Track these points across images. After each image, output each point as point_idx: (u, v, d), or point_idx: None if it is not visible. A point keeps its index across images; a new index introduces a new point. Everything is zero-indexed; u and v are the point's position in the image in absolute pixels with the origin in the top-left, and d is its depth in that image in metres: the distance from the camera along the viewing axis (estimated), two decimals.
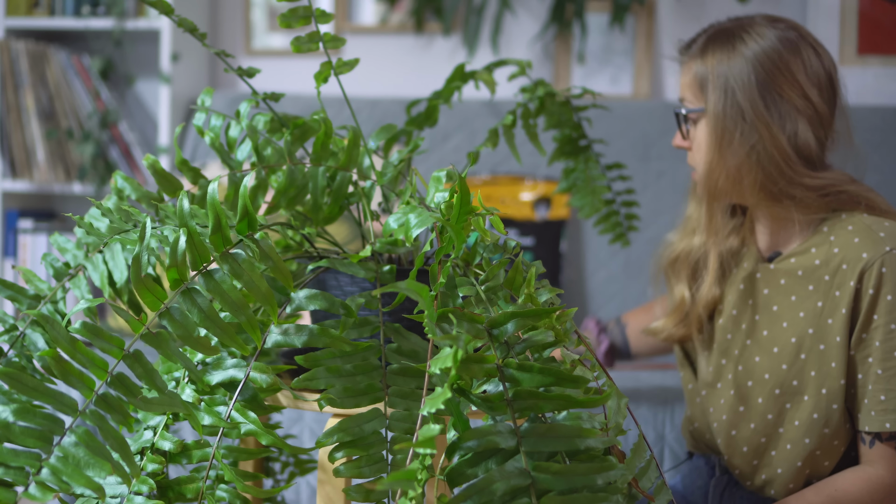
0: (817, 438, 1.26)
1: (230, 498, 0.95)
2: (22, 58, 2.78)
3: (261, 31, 3.01)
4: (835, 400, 1.25)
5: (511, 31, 2.86)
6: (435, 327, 0.77)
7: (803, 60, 1.29)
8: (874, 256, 1.21)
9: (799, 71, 1.28)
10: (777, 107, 1.27)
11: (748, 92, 1.26)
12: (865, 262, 1.21)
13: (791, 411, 1.29)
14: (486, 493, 0.72)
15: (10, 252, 2.85)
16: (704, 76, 1.29)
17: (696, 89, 1.30)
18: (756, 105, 1.26)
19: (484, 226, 0.94)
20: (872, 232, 1.23)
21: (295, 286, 1.01)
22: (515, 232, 2.52)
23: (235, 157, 1.14)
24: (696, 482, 1.46)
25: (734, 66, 1.27)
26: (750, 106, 1.26)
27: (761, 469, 1.32)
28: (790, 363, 1.28)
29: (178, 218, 0.89)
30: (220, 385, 0.95)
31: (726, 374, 1.35)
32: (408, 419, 0.93)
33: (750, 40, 1.28)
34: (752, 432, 1.31)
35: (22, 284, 1.83)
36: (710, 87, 1.28)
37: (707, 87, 1.29)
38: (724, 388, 1.36)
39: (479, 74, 1.34)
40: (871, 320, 1.21)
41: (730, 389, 1.34)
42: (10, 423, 0.78)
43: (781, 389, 1.29)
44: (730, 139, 1.27)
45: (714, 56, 1.29)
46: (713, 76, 1.28)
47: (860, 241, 1.23)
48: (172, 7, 1.11)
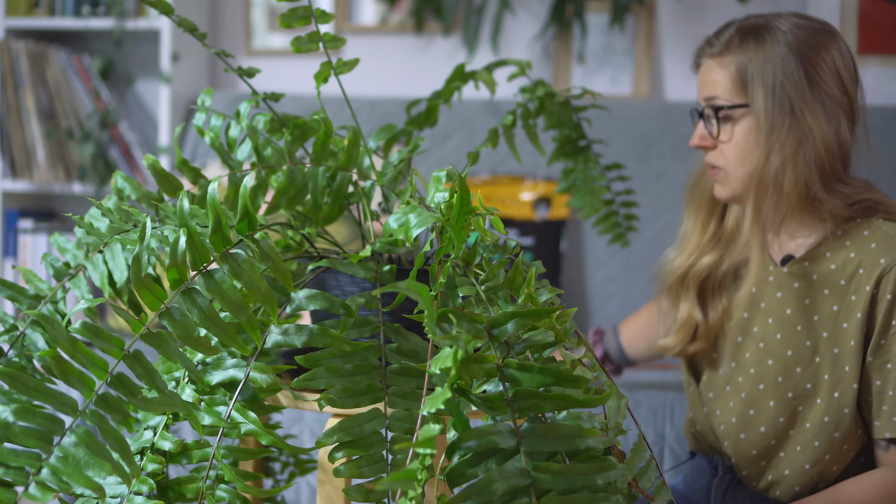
0: (827, 442, 1.26)
1: (230, 498, 0.95)
2: (22, 58, 2.78)
3: (261, 31, 3.01)
4: (847, 404, 1.25)
5: (511, 31, 2.86)
6: (435, 327, 0.77)
7: (840, 51, 1.27)
8: (892, 262, 1.21)
9: (838, 62, 1.26)
10: (822, 100, 1.25)
11: (796, 85, 1.24)
12: (883, 267, 1.21)
13: (803, 414, 1.28)
14: (486, 492, 0.72)
15: (11, 252, 2.85)
16: (745, 70, 1.25)
17: (736, 84, 1.26)
18: (805, 98, 1.24)
19: (484, 226, 0.94)
20: (890, 238, 1.23)
21: (295, 286, 1.01)
22: (515, 232, 2.52)
23: (235, 157, 1.14)
24: (699, 482, 1.46)
25: (778, 59, 1.24)
26: (800, 99, 1.23)
27: (769, 471, 1.32)
28: (805, 366, 1.27)
29: (178, 218, 0.89)
30: (220, 385, 0.95)
31: (736, 378, 1.34)
32: (408, 419, 0.93)
33: (787, 32, 1.26)
34: (762, 436, 1.31)
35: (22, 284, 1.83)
36: (755, 82, 1.25)
37: (752, 81, 1.25)
38: (733, 392, 1.35)
39: (479, 74, 1.34)
40: (890, 325, 1.21)
41: (740, 393, 1.33)
42: (10, 423, 0.78)
43: (794, 392, 1.28)
44: (778, 135, 1.24)
45: (755, 49, 1.25)
46: (758, 69, 1.25)
47: (877, 246, 1.23)
48: (172, 7, 1.11)
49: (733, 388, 1.35)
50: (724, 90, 1.28)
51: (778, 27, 1.26)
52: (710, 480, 1.43)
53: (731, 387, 1.35)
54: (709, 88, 1.29)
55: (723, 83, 1.28)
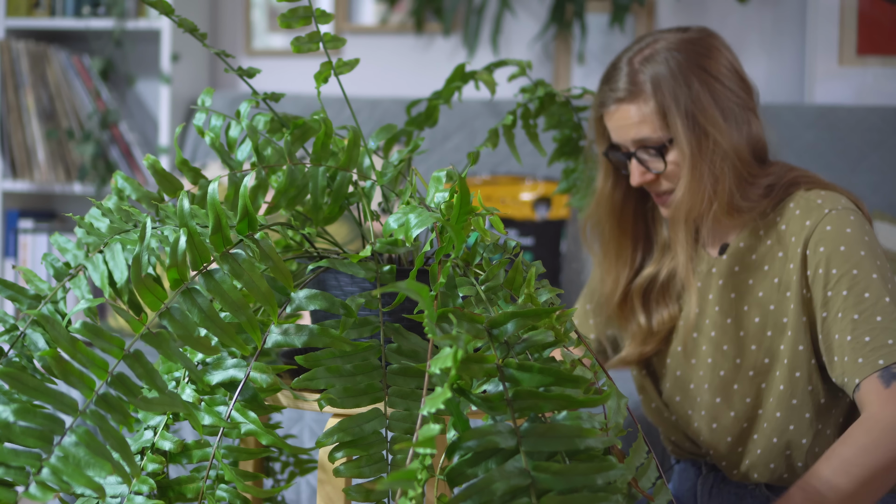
0: (787, 411, 1.28)
1: (230, 498, 0.95)
2: (22, 58, 2.78)
3: (261, 31, 3.01)
4: (797, 367, 1.27)
5: (511, 31, 2.86)
6: (435, 327, 0.77)
7: (726, 47, 1.33)
8: (816, 220, 1.25)
9: (730, 58, 1.32)
10: (731, 109, 1.30)
11: (704, 107, 1.28)
12: (809, 228, 1.26)
13: (766, 390, 1.31)
14: (486, 492, 0.72)
15: (11, 252, 2.85)
16: (661, 103, 1.28)
17: (658, 118, 1.29)
18: (715, 117, 1.28)
19: (484, 226, 0.94)
20: (811, 202, 1.27)
21: (295, 286, 1.01)
22: (515, 232, 2.52)
23: (235, 157, 1.14)
24: (685, 484, 1.47)
25: (682, 83, 1.28)
26: (710, 119, 1.28)
27: (745, 455, 1.33)
28: (758, 343, 1.30)
29: (178, 218, 0.89)
30: (221, 385, 0.95)
31: (697, 373, 1.37)
32: (408, 419, 0.93)
33: (678, 51, 1.30)
34: (734, 420, 1.33)
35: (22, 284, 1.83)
36: (672, 113, 1.28)
37: (669, 112, 1.28)
38: (697, 388, 1.37)
39: (480, 75, 1.34)
40: (831, 275, 1.23)
41: (703, 384, 1.35)
42: (10, 423, 0.78)
43: (755, 370, 1.31)
44: (702, 156, 1.28)
45: (660, 80, 1.28)
46: (671, 100, 1.28)
47: (801, 212, 1.28)
48: (172, 7, 1.11)
49: (697, 384, 1.37)
50: (652, 128, 1.29)
51: (666, 50, 1.30)
52: (695, 482, 1.44)
53: (695, 383, 1.37)
54: (635, 131, 1.30)
55: (649, 122, 1.29)
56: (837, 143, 2.46)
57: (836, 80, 2.64)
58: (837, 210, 1.25)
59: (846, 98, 2.63)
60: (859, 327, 1.19)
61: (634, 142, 1.31)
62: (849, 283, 1.21)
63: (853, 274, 1.21)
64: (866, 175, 2.42)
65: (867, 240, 1.23)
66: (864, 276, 1.21)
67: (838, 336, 1.21)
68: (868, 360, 1.17)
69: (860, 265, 1.21)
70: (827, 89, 2.64)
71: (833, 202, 1.26)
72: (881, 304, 1.19)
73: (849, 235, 1.23)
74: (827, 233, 1.24)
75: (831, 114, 2.49)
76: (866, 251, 1.22)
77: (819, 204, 1.26)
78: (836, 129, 2.47)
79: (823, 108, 2.51)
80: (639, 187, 1.37)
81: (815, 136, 2.47)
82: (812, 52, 2.65)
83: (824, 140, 2.47)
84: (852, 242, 1.22)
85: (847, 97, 2.63)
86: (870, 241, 1.23)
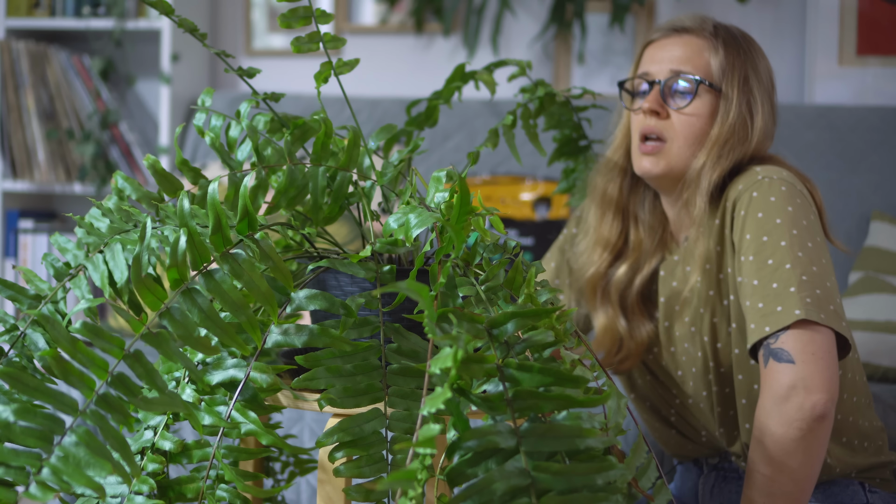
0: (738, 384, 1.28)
1: (230, 498, 0.95)
2: (23, 58, 2.78)
3: (261, 31, 3.01)
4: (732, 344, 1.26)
5: (511, 31, 2.86)
6: (435, 327, 0.77)
7: (765, 57, 1.37)
8: (747, 186, 1.24)
9: (769, 66, 1.36)
10: (768, 102, 1.32)
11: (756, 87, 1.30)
12: (740, 192, 1.24)
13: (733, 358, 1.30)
14: (486, 492, 0.72)
15: (11, 252, 2.85)
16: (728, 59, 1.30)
17: (718, 69, 1.30)
18: (756, 101, 1.30)
19: (484, 226, 0.94)
20: (752, 172, 1.26)
21: (295, 286, 1.01)
22: (515, 232, 2.52)
23: (236, 157, 1.14)
24: (687, 483, 1.47)
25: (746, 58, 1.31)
26: (755, 101, 1.30)
27: (738, 432, 1.33)
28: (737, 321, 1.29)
29: (178, 218, 0.89)
30: (221, 385, 0.95)
31: (690, 369, 1.35)
32: (408, 419, 0.93)
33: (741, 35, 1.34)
34: (745, 407, 1.30)
35: (23, 284, 1.83)
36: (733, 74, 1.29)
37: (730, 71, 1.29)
38: (687, 380, 1.35)
39: (480, 75, 1.34)
40: (744, 240, 1.22)
41: (708, 375, 1.33)
42: (10, 423, 0.78)
43: (740, 349, 1.29)
44: (742, 123, 1.28)
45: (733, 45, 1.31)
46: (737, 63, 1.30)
47: (740, 181, 1.26)
48: (173, 7, 1.11)
49: (693, 377, 1.35)
50: (702, 69, 1.30)
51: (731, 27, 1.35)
52: (696, 481, 1.44)
53: (695, 382, 1.35)
54: (681, 62, 1.31)
55: (705, 62, 1.30)
56: (837, 143, 2.46)
57: (836, 81, 2.64)
58: (771, 179, 1.23)
59: (846, 98, 2.63)
60: (756, 293, 1.18)
61: (672, 71, 1.31)
62: (755, 248, 1.20)
63: (762, 241, 1.19)
64: (866, 175, 2.42)
65: (790, 210, 1.20)
66: (772, 243, 1.19)
67: (748, 302, 1.19)
68: (758, 325, 1.16)
69: (772, 232, 1.19)
70: (827, 89, 2.64)
71: (769, 172, 1.24)
72: (781, 271, 1.17)
73: (771, 204, 1.21)
74: (752, 199, 1.22)
75: (831, 114, 2.50)
76: (783, 219, 1.20)
77: (756, 171, 1.25)
78: (836, 129, 2.47)
79: (823, 109, 2.51)
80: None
81: (814, 136, 2.47)
82: (812, 53, 2.65)
83: (824, 140, 2.47)
84: (772, 210, 1.20)
85: (847, 97, 2.63)
86: (793, 212, 1.20)
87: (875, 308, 2.04)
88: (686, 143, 1.30)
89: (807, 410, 1.11)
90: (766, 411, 1.14)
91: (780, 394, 1.12)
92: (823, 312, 1.14)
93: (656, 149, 1.31)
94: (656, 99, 1.31)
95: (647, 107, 1.31)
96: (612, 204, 1.40)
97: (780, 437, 1.12)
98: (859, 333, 1.99)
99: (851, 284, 2.17)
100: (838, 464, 1.29)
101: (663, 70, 1.31)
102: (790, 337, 1.13)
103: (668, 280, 1.36)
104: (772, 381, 1.14)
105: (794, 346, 1.13)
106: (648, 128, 1.32)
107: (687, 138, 1.30)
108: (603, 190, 1.40)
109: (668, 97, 1.31)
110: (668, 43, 1.32)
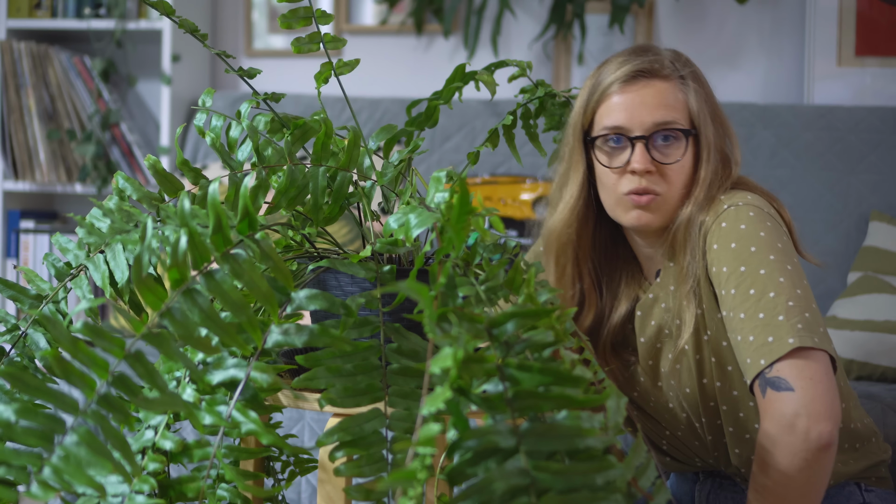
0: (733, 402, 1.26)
1: (231, 497, 0.95)
2: (24, 59, 2.78)
3: (261, 31, 3.01)
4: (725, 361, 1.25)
5: (511, 31, 2.87)
6: (435, 327, 0.78)
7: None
8: (714, 217, 1.22)
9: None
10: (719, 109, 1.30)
11: (720, 118, 1.29)
12: (708, 224, 1.22)
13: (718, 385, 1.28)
14: (486, 492, 0.72)
15: (12, 252, 2.85)
16: (696, 96, 1.26)
17: (688, 110, 1.26)
18: (730, 132, 1.30)
19: (484, 226, 0.95)
20: (717, 203, 1.24)
21: (295, 286, 1.01)
22: (515, 232, 2.52)
23: (236, 157, 1.14)
24: (682, 488, 1.47)
25: (705, 88, 1.28)
26: (728, 134, 1.29)
27: (729, 452, 1.32)
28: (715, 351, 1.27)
29: (179, 218, 0.89)
30: (221, 385, 0.95)
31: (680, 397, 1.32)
32: (408, 419, 0.93)
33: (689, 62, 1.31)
34: (733, 434, 1.29)
35: (24, 284, 1.83)
36: (703, 110, 1.26)
37: (701, 108, 1.26)
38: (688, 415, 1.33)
39: (480, 75, 1.35)
40: (722, 273, 1.19)
41: (697, 408, 1.31)
42: (12, 423, 0.79)
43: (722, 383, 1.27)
44: (707, 165, 1.25)
45: (693, 76, 1.28)
46: (704, 97, 1.27)
47: (709, 211, 1.24)
48: (173, 8, 1.11)
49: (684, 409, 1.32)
50: (683, 114, 1.25)
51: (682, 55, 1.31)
52: (692, 487, 1.44)
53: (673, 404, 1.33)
54: (663, 112, 1.24)
55: (682, 106, 1.25)
56: (836, 144, 2.46)
57: (835, 81, 2.64)
58: (736, 206, 1.21)
59: (845, 99, 2.63)
60: (745, 326, 1.15)
61: (656, 124, 1.24)
62: (736, 281, 1.17)
63: (741, 272, 1.17)
64: (865, 175, 2.42)
65: (762, 235, 1.18)
66: (750, 272, 1.16)
67: (738, 337, 1.17)
68: (754, 359, 1.14)
69: (748, 262, 1.17)
70: (825, 90, 2.64)
71: (734, 199, 1.22)
72: (765, 300, 1.14)
73: (742, 232, 1.19)
74: (722, 230, 1.20)
75: (830, 114, 2.50)
76: (758, 246, 1.17)
77: (721, 200, 1.23)
78: (835, 130, 2.48)
79: (822, 109, 2.52)
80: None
81: (813, 137, 2.48)
82: (811, 53, 2.65)
83: (823, 140, 2.47)
84: (744, 238, 1.18)
85: (845, 98, 2.63)
86: (766, 237, 1.18)
87: (874, 308, 2.05)
88: (678, 192, 1.26)
89: (812, 441, 1.09)
90: (770, 440, 1.11)
91: (783, 423, 1.10)
92: (816, 336, 1.12)
93: (651, 201, 1.25)
94: (646, 157, 1.24)
95: (641, 168, 1.23)
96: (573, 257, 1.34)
97: (785, 468, 1.10)
98: (858, 333, 1.99)
99: (850, 284, 2.17)
100: (834, 475, 1.28)
101: (644, 124, 1.24)
102: (785, 365, 1.11)
103: (646, 320, 1.32)
104: (773, 410, 1.11)
105: (791, 373, 1.11)
106: (642, 187, 1.25)
107: (679, 188, 1.26)
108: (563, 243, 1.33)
109: (653, 152, 1.24)
110: (637, 91, 1.25)
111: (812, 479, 1.10)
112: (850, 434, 1.30)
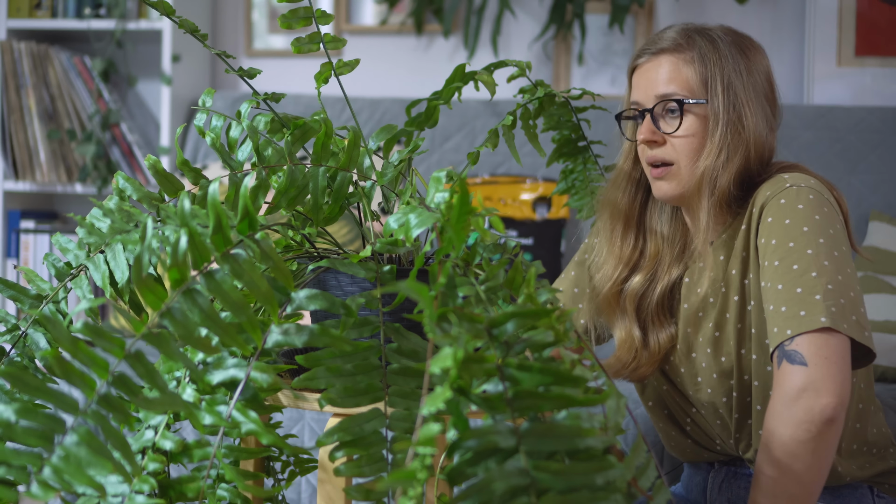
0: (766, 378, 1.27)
1: (231, 497, 0.95)
2: (24, 59, 2.78)
3: (261, 31, 3.01)
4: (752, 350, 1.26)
5: (511, 32, 2.87)
6: (435, 327, 0.78)
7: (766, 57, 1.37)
8: (775, 192, 1.24)
9: (767, 66, 1.35)
10: (760, 102, 1.32)
11: (744, 86, 1.30)
12: (768, 197, 1.25)
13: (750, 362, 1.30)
14: (486, 492, 0.72)
15: (13, 252, 2.85)
16: (704, 66, 1.29)
17: (696, 80, 1.29)
18: (749, 100, 1.30)
19: (484, 226, 0.95)
20: (779, 179, 1.26)
21: (295, 286, 1.01)
22: (515, 232, 2.52)
23: (236, 157, 1.14)
24: (695, 478, 1.47)
25: (729, 58, 1.30)
26: (745, 100, 1.30)
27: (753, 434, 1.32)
28: (757, 326, 1.29)
29: (179, 218, 0.90)
30: (221, 384, 0.95)
31: (710, 375, 1.34)
32: (408, 419, 0.93)
33: (725, 34, 1.33)
34: (759, 413, 1.30)
35: (24, 284, 1.83)
36: (715, 78, 1.29)
37: (712, 77, 1.29)
38: (716, 391, 1.34)
39: (479, 75, 1.34)
40: (770, 245, 1.21)
41: (730, 381, 1.32)
42: (12, 423, 0.79)
43: (758, 355, 1.28)
44: (725, 133, 1.28)
45: (709, 47, 1.30)
46: (717, 66, 1.29)
47: (767, 187, 1.26)
48: (173, 8, 1.11)
49: (713, 383, 1.34)
50: (683, 86, 1.30)
51: (720, 30, 1.34)
52: (705, 476, 1.44)
53: (714, 386, 1.34)
54: (664, 86, 1.31)
55: (683, 79, 1.30)
56: (836, 144, 2.46)
57: (835, 81, 2.64)
58: (799, 187, 1.23)
59: (844, 99, 2.63)
60: (780, 297, 1.17)
61: (658, 97, 1.31)
62: (781, 254, 1.19)
63: (789, 247, 1.19)
64: (865, 175, 2.43)
65: (818, 218, 1.20)
66: (798, 249, 1.19)
67: (771, 306, 1.19)
68: (781, 328, 1.16)
69: (798, 239, 1.19)
70: (825, 90, 2.64)
71: (797, 179, 1.24)
72: (806, 277, 1.16)
73: (798, 211, 1.21)
74: (780, 205, 1.22)
75: (830, 114, 2.50)
76: (811, 227, 1.19)
77: (784, 179, 1.25)
78: (835, 130, 2.48)
79: (822, 109, 2.52)
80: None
81: (813, 137, 2.48)
82: (811, 53, 2.65)
83: (823, 140, 2.47)
84: (799, 217, 1.20)
85: (845, 98, 2.63)
86: (821, 221, 1.20)
87: (874, 308, 2.05)
88: (690, 161, 1.30)
89: (816, 413, 1.11)
90: (775, 412, 1.14)
91: (789, 395, 1.13)
92: (846, 322, 1.14)
93: (665, 172, 1.32)
94: (650, 129, 1.31)
95: (643, 139, 1.31)
96: (625, 218, 1.39)
97: (788, 440, 1.12)
98: None
99: None
100: (847, 472, 1.29)
101: (649, 97, 1.32)
102: (805, 340, 1.13)
103: (693, 287, 1.35)
104: (783, 382, 1.14)
105: (809, 349, 1.13)
106: (652, 157, 1.32)
107: (689, 156, 1.30)
108: (614, 204, 1.40)
109: (659, 123, 1.31)
110: (649, 67, 1.33)
111: (816, 451, 1.12)
112: (867, 439, 1.31)
